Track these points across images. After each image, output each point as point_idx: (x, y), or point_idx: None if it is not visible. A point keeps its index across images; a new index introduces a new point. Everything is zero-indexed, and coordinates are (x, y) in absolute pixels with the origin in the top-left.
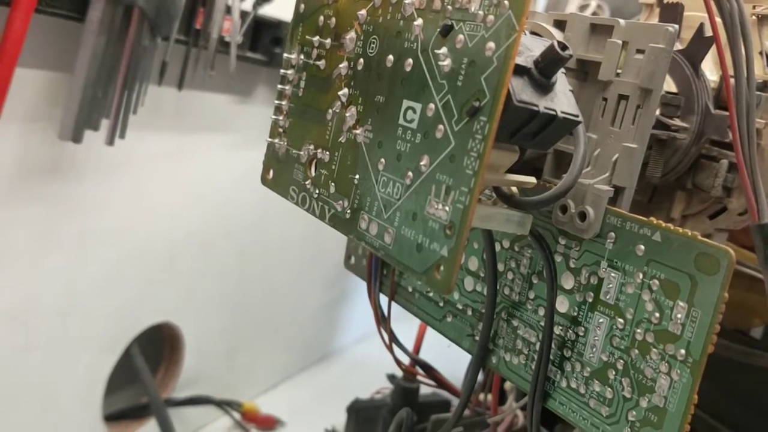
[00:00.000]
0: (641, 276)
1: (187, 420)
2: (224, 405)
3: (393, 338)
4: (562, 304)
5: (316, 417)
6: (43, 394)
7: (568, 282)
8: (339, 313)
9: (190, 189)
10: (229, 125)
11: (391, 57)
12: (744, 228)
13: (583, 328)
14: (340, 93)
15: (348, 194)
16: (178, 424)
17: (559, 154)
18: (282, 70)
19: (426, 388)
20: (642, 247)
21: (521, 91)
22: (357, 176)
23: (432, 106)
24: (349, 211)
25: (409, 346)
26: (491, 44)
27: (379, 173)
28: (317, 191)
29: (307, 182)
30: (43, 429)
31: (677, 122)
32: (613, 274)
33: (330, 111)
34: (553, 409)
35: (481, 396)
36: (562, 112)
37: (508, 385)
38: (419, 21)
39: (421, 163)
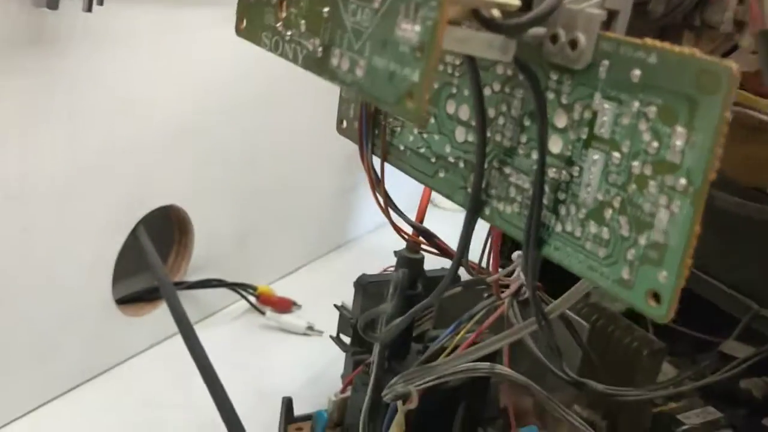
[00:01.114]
0: (637, 104)
1: (203, 302)
2: (238, 288)
3: (388, 201)
4: (555, 144)
5: (331, 299)
6: (49, 275)
7: (560, 120)
8: (353, 204)
9: (188, 65)
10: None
11: None
12: (757, 72)
13: (577, 168)
14: None
15: (318, 31)
16: (193, 306)
17: None
18: None
19: (437, 265)
20: (637, 72)
21: None
22: (326, 9)
23: None
24: (320, 49)
25: None
26: None
27: (348, 1)
28: (288, 33)
29: (278, 24)
30: (52, 310)
31: None
32: (607, 105)
33: None
34: (548, 256)
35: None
36: None
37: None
38: None
39: None
